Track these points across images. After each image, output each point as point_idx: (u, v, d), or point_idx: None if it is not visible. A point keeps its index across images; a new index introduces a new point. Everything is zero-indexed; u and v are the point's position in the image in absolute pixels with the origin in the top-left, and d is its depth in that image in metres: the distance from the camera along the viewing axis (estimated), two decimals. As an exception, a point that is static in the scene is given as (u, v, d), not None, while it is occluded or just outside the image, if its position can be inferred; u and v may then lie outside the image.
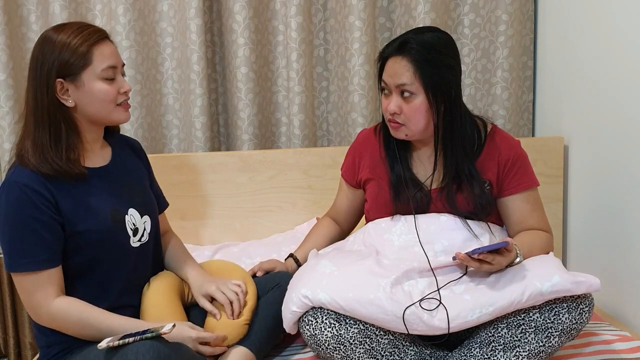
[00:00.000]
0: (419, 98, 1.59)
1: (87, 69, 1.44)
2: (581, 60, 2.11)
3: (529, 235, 1.65)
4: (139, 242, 1.57)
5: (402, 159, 1.70)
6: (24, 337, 2.39)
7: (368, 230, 1.72)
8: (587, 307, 1.45)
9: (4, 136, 2.25)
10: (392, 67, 1.61)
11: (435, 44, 1.60)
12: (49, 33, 1.46)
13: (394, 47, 1.62)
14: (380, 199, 1.72)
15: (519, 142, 1.73)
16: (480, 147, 1.67)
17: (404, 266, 1.53)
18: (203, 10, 2.28)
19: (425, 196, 1.67)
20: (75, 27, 1.46)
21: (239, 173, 2.24)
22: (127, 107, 1.53)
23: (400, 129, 1.64)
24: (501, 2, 2.36)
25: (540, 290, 1.42)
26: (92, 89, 1.45)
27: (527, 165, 1.70)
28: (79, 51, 1.43)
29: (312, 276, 1.53)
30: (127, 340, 1.31)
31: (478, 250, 1.43)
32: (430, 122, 1.62)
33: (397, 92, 1.61)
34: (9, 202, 1.41)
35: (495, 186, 1.67)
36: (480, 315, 1.43)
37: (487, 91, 2.45)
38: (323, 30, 2.41)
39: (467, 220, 1.63)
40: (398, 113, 1.61)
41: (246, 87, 2.33)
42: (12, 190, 1.41)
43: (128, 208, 1.55)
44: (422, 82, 1.57)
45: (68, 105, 1.45)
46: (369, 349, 1.47)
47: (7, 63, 2.22)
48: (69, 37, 1.43)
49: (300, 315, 1.50)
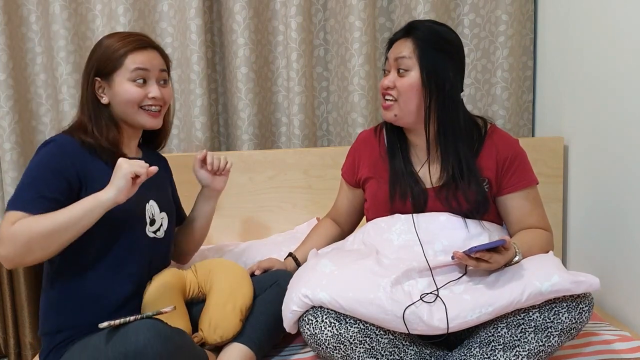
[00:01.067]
0: (413, 74, 1.62)
1: (119, 70, 1.58)
2: (581, 60, 2.11)
3: (528, 234, 1.65)
4: (154, 235, 1.62)
5: (403, 155, 1.71)
6: (24, 337, 2.39)
7: (368, 229, 1.72)
8: (586, 307, 1.45)
9: (4, 136, 2.25)
10: (396, 47, 1.67)
11: (442, 34, 1.65)
12: (102, 38, 1.63)
13: (402, 30, 1.68)
14: (379, 197, 1.72)
15: (517, 140, 1.74)
16: (479, 144, 1.68)
17: (403, 266, 1.53)
18: (203, 10, 2.28)
19: (423, 193, 1.67)
20: (124, 35, 1.62)
21: (239, 173, 2.24)
22: (154, 114, 1.62)
23: (391, 108, 1.66)
24: (501, 2, 2.36)
25: (539, 290, 1.42)
26: (120, 89, 1.58)
27: (526, 163, 1.71)
28: (115, 54, 1.57)
29: (312, 276, 1.53)
30: (128, 319, 1.34)
31: (475, 248, 1.43)
32: (421, 105, 1.63)
33: (394, 68, 1.65)
34: (44, 152, 1.52)
35: (495, 185, 1.67)
36: (480, 315, 1.43)
37: (487, 91, 2.45)
38: (323, 30, 2.41)
39: (466, 219, 1.63)
40: (391, 87, 1.64)
41: (246, 87, 2.33)
42: (48, 145, 1.53)
43: (149, 198, 1.63)
44: (419, 59, 1.61)
45: (103, 102, 1.60)
46: (369, 349, 1.47)
47: (7, 63, 2.22)
48: (113, 42, 1.59)
49: (301, 314, 1.50)
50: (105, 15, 2.28)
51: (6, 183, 2.29)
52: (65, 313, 1.52)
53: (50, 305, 1.55)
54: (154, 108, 1.61)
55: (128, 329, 1.31)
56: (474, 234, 1.62)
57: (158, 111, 1.62)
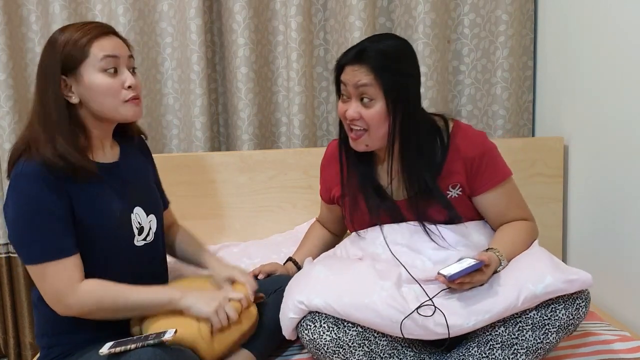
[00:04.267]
0: (378, 104, 1.55)
1: (85, 61, 1.42)
2: (581, 60, 2.11)
3: (510, 232, 1.63)
4: (144, 242, 1.56)
5: (367, 173, 1.68)
6: (24, 337, 2.39)
7: (352, 243, 1.72)
8: (583, 302, 1.45)
9: (4, 136, 2.25)
10: (350, 73, 1.56)
11: (393, 52, 1.56)
12: (54, 34, 1.46)
13: (351, 55, 1.57)
14: (357, 212, 1.71)
15: (483, 134, 1.69)
16: (443, 153, 1.63)
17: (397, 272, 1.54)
18: (203, 10, 2.28)
19: (395, 207, 1.66)
20: (79, 25, 1.46)
21: (239, 173, 2.24)
22: (136, 102, 1.48)
23: (361, 140, 1.60)
24: (501, 2, 2.36)
25: (534, 293, 1.42)
26: (92, 82, 1.43)
27: (494, 158, 1.66)
28: (78, 44, 1.41)
29: (307, 282, 1.53)
30: (129, 346, 1.29)
31: (455, 275, 1.42)
32: (387, 129, 1.58)
33: (356, 96, 1.57)
34: (24, 193, 1.38)
35: (467, 187, 1.65)
36: (476, 322, 1.43)
37: (487, 91, 2.45)
38: (323, 30, 2.41)
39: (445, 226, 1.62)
40: (357, 119, 1.57)
41: (246, 87, 2.33)
42: (25, 181, 1.38)
43: (134, 206, 1.54)
44: (382, 88, 1.53)
45: (73, 102, 1.44)
46: (368, 352, 1.47)
47: (7, 63, 2.22)
48: (71, 34, 1.43)
49: (298, 321, 1.50)
50: (105, 15, 2.28)
51: (6, 183, 2.28)
52: (61, 330, 1.48)
53: (46, 320, 1.49)
54: (134, 95, 1.47)
55: (129, 358, 1.26)
56: (453, 241, 1.60)
57: (138, 98, 1.48)
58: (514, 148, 2.20)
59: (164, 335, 1.33)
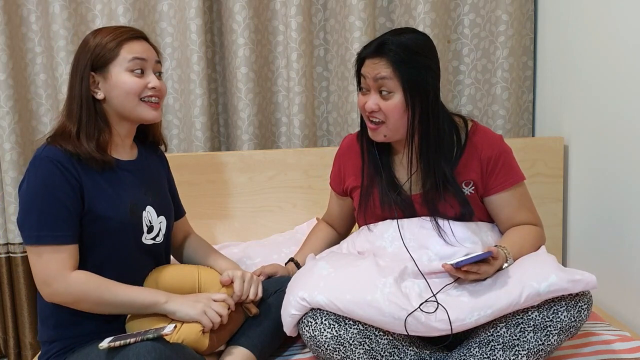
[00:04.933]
0: (397, 96, 1.58)
1: (115, 61, 1.51)
2: (581, 60, 2.11)
3: (518, 233, 1.64)
4: (152, 241, 1.59)
5: (384, 165, 1.69)
6: (24, 337, 2.39)
7: (360, 236, 1.72)
8: (585, 305, 1.45)
9: (4, 136, 2.25)
10: (370, 66, 1.59)
11: (413, 46, 1.58)
12: (88, 35, 1.56)
13: (371, 48, 1.60)
14: (368, 205, 1.72)
15: (500, 137, 1.71)
16: (460, 149, 1.65)
17: (400, 267, 1.54)
18: (203, 10, 2.28)
19: (408, 201, 1.67)
20: (112, 28, 1.56)
21: (239, 173, 2.24)
22: (154, 105, 1.56)
23: (379, 130, 1.63)
24: (501, 2, 2.36)
25: (537, 291, 1.42)
26: (118, 80, 1.51)
27: (510, 160, 1.69)
28: (108, 46, 1.51)
29: (309, 279, 1.53)
30: (128, 340, 1.31)
31: (462, 262, 1.43)
32: (407, 121, 1.60)
33: (375, 89, 1.59)
34: (38, 176, 1.44)
35: (481, 186, 1.66)
36: (479, 317, 1.43)
37: (487, 91, 2.45)
38: (323, 30, 2.41)
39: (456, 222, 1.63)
40: (376, 110, 1.60)
41: (246, 87, 2.33)
42: (42, 164, 1.44)
43: (146, 205, 1.58)
44: (400, 81, 1.56)
45: (98, 97, 1.52)
46: (369, 350, 1.47)
47: (7, 63, 2.22)
48: (104, 35, 1.53)
49: (300, 317, 1.50)
50: (105, 15, 2.28)
51: (6, 183, 2.29)
52: (63, 324, 1.50)
53: (50, 313, 1.51)
54: (154, 99, 1.55)
55: (128, 353, 1.28)
56: (462, 237, 1.61)
57: (158, 102, 1.57)
58: (514, 148, 2.16)
59: (164, 330, 1.35)
